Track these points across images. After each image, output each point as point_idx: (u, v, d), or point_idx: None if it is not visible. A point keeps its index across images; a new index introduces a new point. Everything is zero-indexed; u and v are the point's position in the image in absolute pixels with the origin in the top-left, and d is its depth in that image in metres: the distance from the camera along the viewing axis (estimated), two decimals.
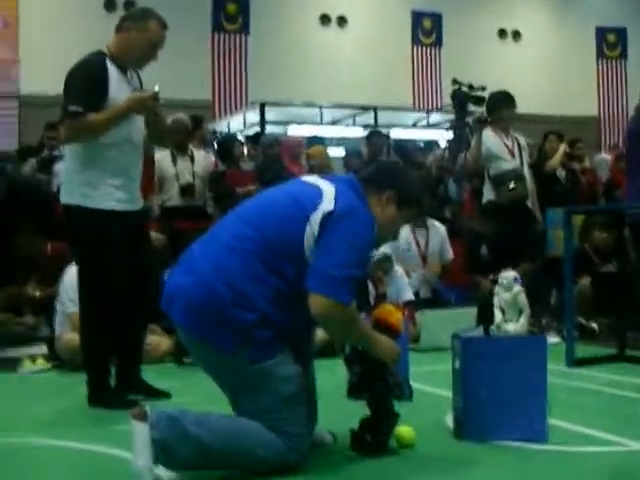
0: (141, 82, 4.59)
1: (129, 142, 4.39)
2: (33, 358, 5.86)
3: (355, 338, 3.26)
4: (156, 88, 4.36)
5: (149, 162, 6.19)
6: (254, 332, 3.02)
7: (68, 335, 5.64)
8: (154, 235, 5.95)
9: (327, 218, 3.06)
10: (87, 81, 4.27)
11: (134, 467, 2.88)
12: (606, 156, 11.55)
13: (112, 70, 4.32)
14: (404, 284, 6.86)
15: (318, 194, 3.14)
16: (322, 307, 3.02)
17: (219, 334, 3.02)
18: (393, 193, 3.31)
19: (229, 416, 3.15)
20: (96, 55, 4.37)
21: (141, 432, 2.87)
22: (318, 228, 3.06)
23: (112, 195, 4.33)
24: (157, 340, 5.69)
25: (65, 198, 4.43)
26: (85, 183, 4.31)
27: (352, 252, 3.06)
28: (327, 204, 3.09)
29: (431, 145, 11.30)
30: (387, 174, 3.42)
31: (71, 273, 5.81)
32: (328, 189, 3.17)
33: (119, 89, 4.32)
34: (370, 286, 6.49)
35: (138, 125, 4.46)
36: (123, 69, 4.40)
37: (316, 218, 3.07)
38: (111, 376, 4.48)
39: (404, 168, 3.50)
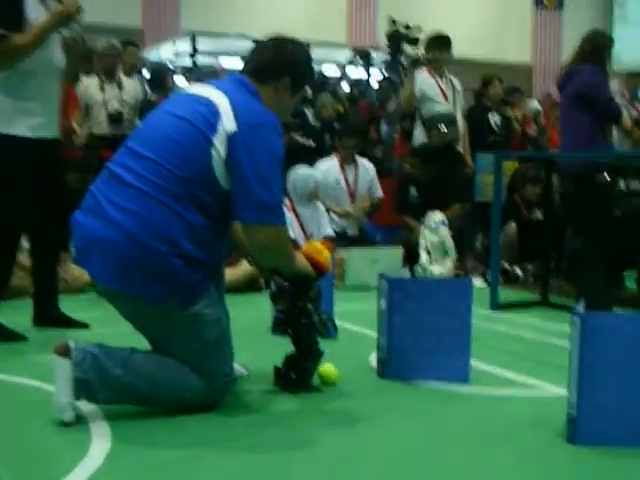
0: None
1: (45, 66, 4.22)
2: None
3: (289, 258, 3.17)
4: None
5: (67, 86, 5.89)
6: (182, 276, 2.89)
7: None
8: None
9: (232, 140, 2.90)
10: (4, 4, 4.13)
11: (56, 402, 2.83)
12: (537, 104, 11.56)
13: None
14: (324, 220, 6.88)
15: (213, 111, 2.94)
16: (267, 237, 2.96)
17: (148, 286, 2.87)
18: (288, 80, 3.20)
19: (154, 355, 3.02)
20: None
21: (63, 368, 2.80)
22: (225, 151, 2.89)
23: (23, 121, 4.17)
24: (78, 271, 5.56)
25: None
26: None
27: (271, 168, 2.95)
28: (227, 123, 2.91)
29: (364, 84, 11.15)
30: (280, 61, 3.20)
31: None
32: (222, 102, 2.96)
33: (36, 11, 4.16)
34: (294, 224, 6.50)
35: (54, 48, 4.29)
36: None
37: (220, 140, 2.90)
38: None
39: (295, 49, 3.29)
